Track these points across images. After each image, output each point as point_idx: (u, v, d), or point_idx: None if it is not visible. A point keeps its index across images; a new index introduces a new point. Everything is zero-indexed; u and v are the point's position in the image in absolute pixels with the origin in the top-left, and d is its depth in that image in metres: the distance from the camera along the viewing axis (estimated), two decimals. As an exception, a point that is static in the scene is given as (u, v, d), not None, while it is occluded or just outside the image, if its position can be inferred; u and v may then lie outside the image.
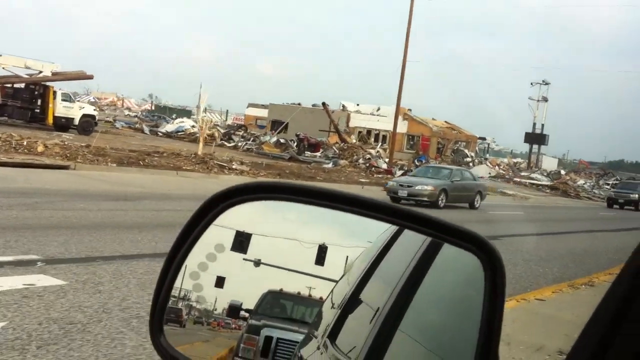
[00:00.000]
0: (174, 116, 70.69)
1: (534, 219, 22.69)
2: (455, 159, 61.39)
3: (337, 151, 39.87)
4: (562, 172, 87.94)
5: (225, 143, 47.99)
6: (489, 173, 56.40)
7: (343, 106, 63.44)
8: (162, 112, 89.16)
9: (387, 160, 41.33)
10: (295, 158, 38.28)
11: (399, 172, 38.17)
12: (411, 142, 60.45)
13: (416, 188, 22.03)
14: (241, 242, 1.39)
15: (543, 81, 76.63)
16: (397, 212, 1.33)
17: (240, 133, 49.39)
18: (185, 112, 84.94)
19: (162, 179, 18.87)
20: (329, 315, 1.45)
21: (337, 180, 27.91)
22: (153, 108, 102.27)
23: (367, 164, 37.29)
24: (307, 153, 40.45)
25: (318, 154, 40.21)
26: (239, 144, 45.93)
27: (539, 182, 57.62)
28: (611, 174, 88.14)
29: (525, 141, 77.93)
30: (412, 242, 1.41)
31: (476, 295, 1.19)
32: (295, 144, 43.09)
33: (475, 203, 24.28)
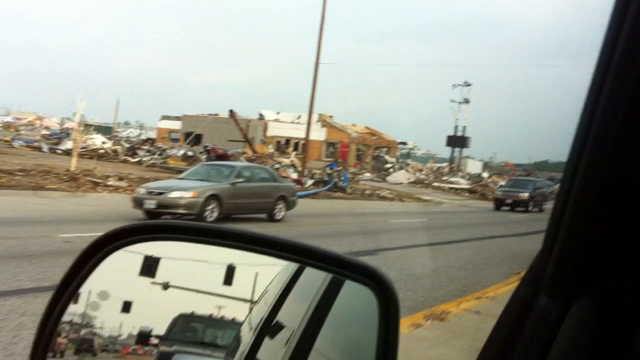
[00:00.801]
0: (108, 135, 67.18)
1: (434, 225, 21.44)
2: (376, 165, 60.52)
3: (245, 162, 37.95)
4: (485, 175, 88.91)
5: (129, 158, 45.51)
6: (408, 179, 55.66)
7: (260, 115, 61.70)
8: (99, 131, 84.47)
9: (299, 169, 39.75)
10: (200, 171, 36.19)
11: (310, 182, 36.68)
12: (331, 150, 59.15)
13: (169, 196, 16.09)
14: (149, 266, 1.35)
15: (465, 82, 76.77)
16: (287, 247, 1.30)
17: (146, 147, 46.91)
18: (106, 129, 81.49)
19: (10, 200, 16.61)
20: (245, 341, 1.42)
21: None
22: (72, 126, 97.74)
23: (275, 174, 35.51)
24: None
25: (225, 165, 38.22)
26: (144, 158, 43.61)
27: (458, 186, 57.26)
28: (533, 174, 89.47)
29: (447, 145, 77.81)
30: (316, 276, 1.38)
31: (371, 332, 1.18)
32: (204, 155, 41.06)
33: (276, 213, 18.75)
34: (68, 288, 1.27)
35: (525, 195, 36.39)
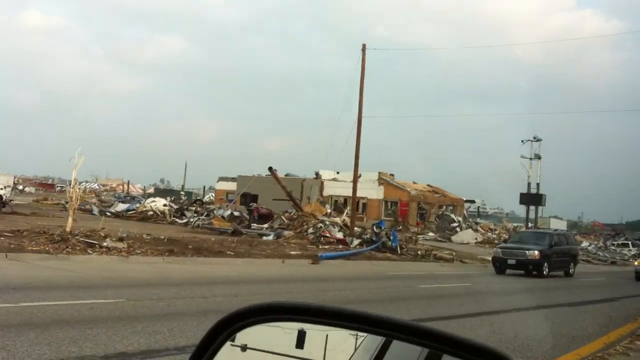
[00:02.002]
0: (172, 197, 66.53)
1: (476, 291, 18.08)
2: (440, 224, 56.78)
3: (286, 221, 35.50)
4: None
5: (177, 220, 43.99)
6: (475, 238, 51.64)
7: (316, 174, 59.50)
8: (166, 194, 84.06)
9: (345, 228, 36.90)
10: (238, 231, 33.97)
11: (356, 242, 33.73)
12: (390, 209, 55.99)
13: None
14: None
15: (534, 137, 72.40)
16: (397, 326, 1.33)
17: (193, 208, 45.33)
18: (187, 194, 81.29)
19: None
20: None
21: (256, 255, 23.48)
22: (152, 191, 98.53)
23: (317, 234, 32.81)
24: (254, 225, 36.18)
25: (265, 225, 35.89)
26: (191, 219, 41.94)
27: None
28: (622, 234, 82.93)
29: (521, 202, 72.96)
30: (407, 353, 1.37)
31: None
32: (249, 215, 38.99)
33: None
34: None
35: (535, 253, 27.13)
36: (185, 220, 42.46)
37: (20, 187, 63.47)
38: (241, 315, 1.42)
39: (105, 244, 19.00)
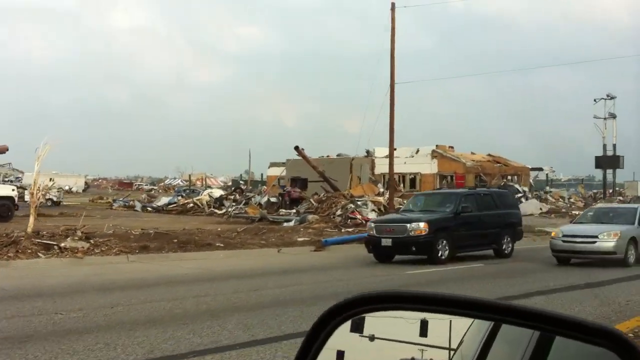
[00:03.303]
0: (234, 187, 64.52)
1: (489, 273, 14.99)
2: (503, 196, 52.63)
3: (314, 204, 32.88)
4: (658, 196, 76.23)
5: (216, 210, 42.26)
6: (540, 209, 47.32)
7: (367, 152, 56.42)
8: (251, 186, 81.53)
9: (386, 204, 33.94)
10: (265, 218, 31.76)
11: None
12: (444, 182, 52.30)
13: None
14: (357, 324, 1.50)
15: (608, 95, 66.55)
16: (509, 311, 1.35)
17: (232, 197, 43.46)
18: (254, 184, 78.83)
19: None
20: None
21: (252, 245, 21.11)
22: (230, 183, 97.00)
23: (344, 215, 30.05)
24: (282, 211, 33.83)
25: (293, 210, 33.46)
26: (229, 209, 40.00)
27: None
28: None
29: (597, 166, 67.38)
30: (518, 334, 1.38)
31: None
32: (280, 200, 36.72)
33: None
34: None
35: (420, 227, 17.77)
36: (223, 210, 40.67)
37: (67, 188, 63.48)
38: (345, 306, 1.48)
39: (63, 244, 17.04)
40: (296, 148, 35.86)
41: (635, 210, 18.60)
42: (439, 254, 17.17)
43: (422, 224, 17.25)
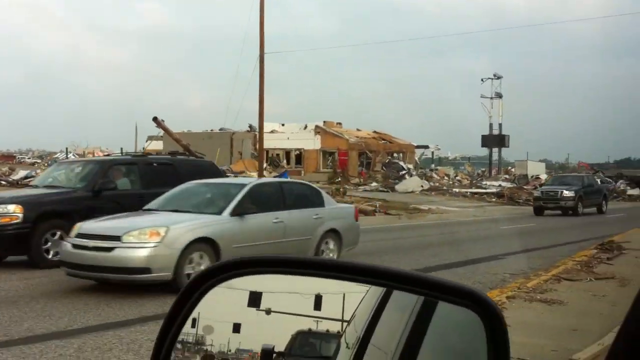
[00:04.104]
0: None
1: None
2: (388, 173, 51.77)
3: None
4: (544, 176, 78.18)
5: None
6: (421, 186, 46.69)
7: (250, 127, 54.14)
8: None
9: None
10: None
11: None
12: (329, 160, 50.88)
13: None
14: (254, 299, 1.50)
15: (495, 75, 67.21)
16: (385, 274, 1.39)
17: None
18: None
19: None
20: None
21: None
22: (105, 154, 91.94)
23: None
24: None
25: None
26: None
27: (484, 191, 47.77)
28: (600, 172, 78.37)
29: (483, 145, 68.21)
30: (406, 301, 1.43)
31: (479, 353, 1.21)
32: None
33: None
34: (176, 319, 1.43)
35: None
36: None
37: None
38: (217, 269, 1.50)
39: None
40: (154, 119, 32.75)
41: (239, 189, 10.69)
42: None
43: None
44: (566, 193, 29.70)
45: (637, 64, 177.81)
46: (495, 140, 66.87)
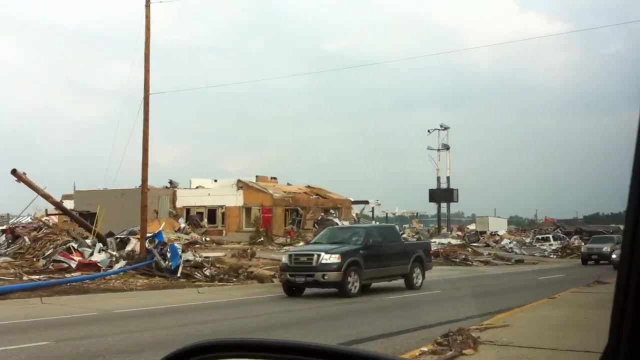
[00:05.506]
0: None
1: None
2: (320, 231, 47.27)
3: (28, 242, 25.40)
4: (503, 231, 74.23)
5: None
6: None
7: (170, 182, 49.52)
8: None
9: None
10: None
11: (123, 263, 24.02)
12: (253, 217, 46.21)
13: None
14: None
15: (441, 126, 63.87)
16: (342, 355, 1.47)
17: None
18: None
19: None
20: None
21: None
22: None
23: (50, 257, 22.90)
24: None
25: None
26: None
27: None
28: (562, 227, 74.65)
29: (431, 200, 64.29)
30: None
31: None
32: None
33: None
34: None
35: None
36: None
37: None
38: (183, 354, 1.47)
39: None
40: (13, 172, 27.32)
41: None
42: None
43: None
44: (326, 258, 17.85)
45: (602, 120, 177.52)
46: (443, 194, 63.07)
